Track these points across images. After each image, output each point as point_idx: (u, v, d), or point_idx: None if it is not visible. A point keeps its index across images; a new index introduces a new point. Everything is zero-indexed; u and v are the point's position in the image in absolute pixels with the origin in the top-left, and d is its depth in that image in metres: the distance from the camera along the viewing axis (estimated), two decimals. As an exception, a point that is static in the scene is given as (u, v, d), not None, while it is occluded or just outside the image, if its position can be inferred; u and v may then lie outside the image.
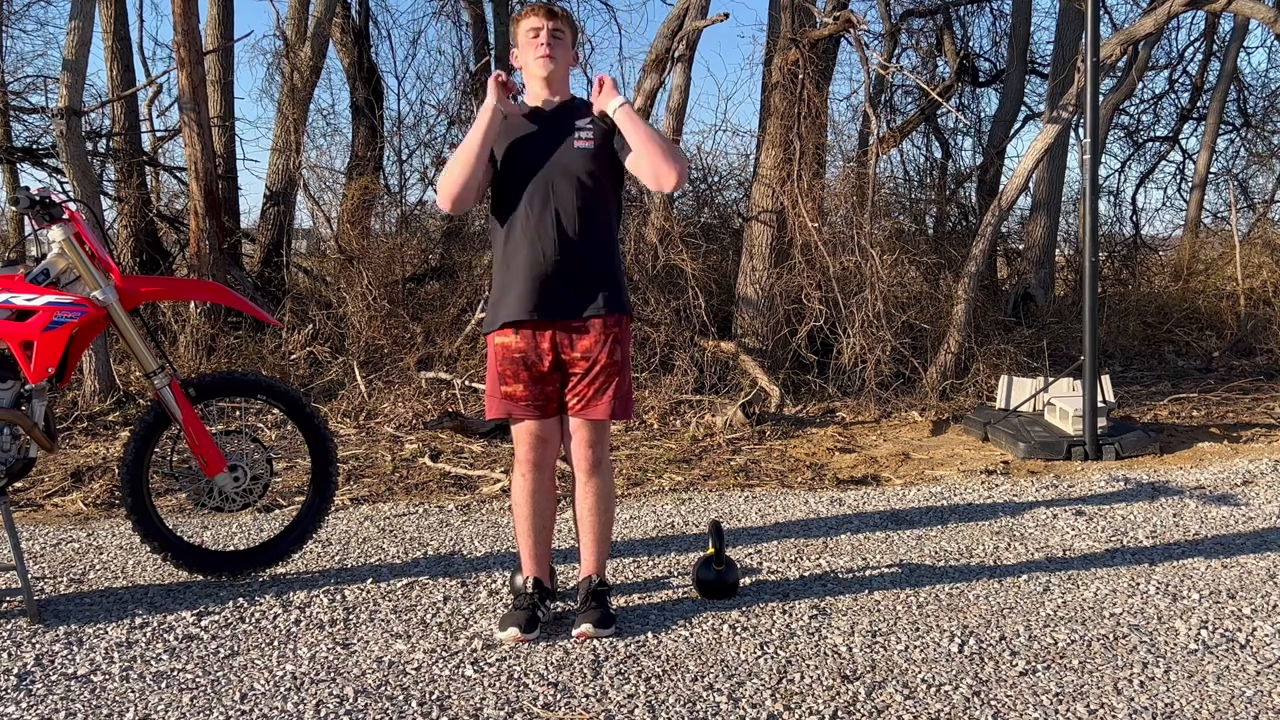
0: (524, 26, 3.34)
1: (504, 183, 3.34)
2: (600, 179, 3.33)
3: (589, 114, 3.37)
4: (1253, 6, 7.58)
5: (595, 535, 3.47)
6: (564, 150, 3.30)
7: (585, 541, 3.50)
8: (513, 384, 3.35)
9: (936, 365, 7.58)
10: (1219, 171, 13.83)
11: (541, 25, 3.30)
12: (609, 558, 3.75)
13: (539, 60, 3.31)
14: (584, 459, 3.41)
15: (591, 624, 3.35)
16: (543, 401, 3.37)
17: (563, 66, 3.37)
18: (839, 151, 8.81)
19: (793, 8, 7.38)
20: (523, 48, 3.35)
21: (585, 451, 3.40)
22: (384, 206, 9.79)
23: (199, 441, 3.77)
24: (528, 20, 3.34)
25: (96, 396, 6.70)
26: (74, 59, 6.70)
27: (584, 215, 3.29)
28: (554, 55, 3.31)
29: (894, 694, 2.96)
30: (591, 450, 3.40)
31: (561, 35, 3.34)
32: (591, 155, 3.31)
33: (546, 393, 3.36)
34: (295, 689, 2.99)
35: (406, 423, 6.60)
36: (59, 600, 3.71)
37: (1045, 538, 4.43)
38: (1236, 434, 6.58)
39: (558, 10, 3.37)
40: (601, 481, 3.44)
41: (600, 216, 3.34)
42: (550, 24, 3.31)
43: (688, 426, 6.63)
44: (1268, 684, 3.03)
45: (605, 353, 3.32)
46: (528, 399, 3.36)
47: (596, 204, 3.33)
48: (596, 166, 3.32)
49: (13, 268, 3.68)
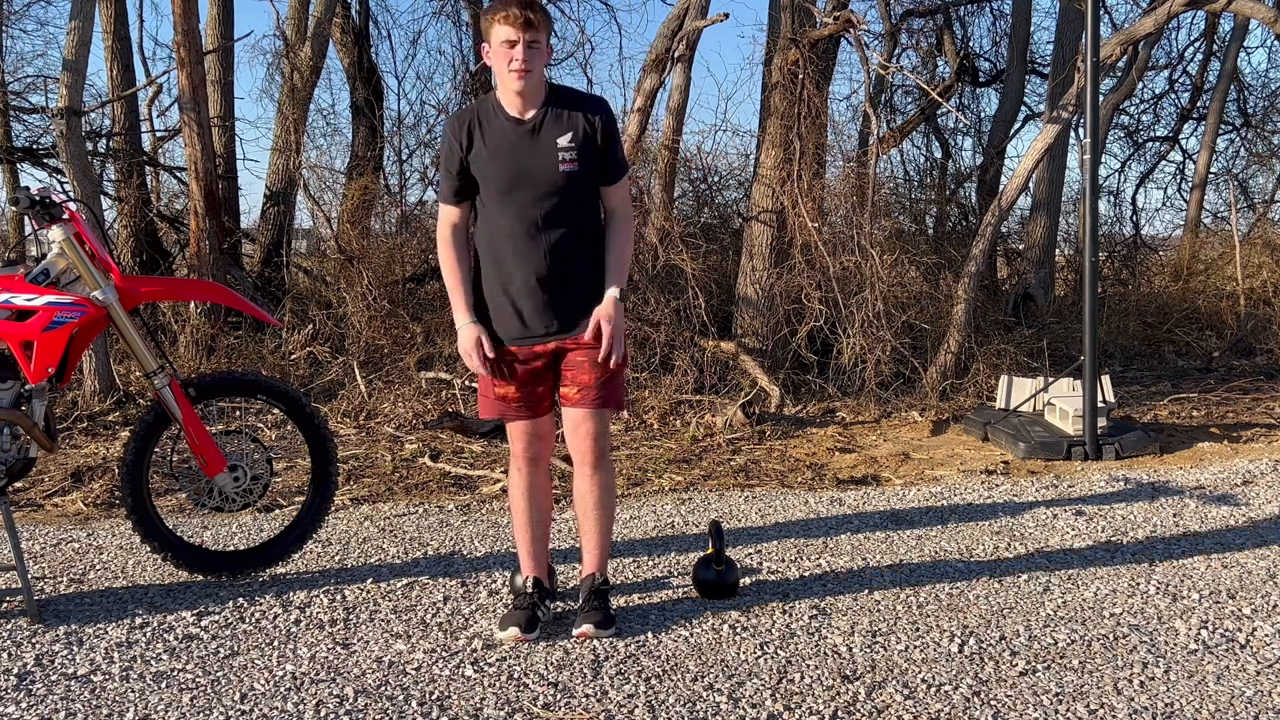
0: (497, 35, 3.17)
1: (487, 203, 3.30)
2: (586, 198, 3.30)
3: (570, 127, 3.24)
4: (1253, 6, 7.58)
5: (597, 532, 3.45)
6: (548, 172, 3.22)
7: (587, 538, 3.48)
8: (504, 386, 3.35)
9: (936, 365, 7.58)
10: (1219, 171, 13.84)
11: (517, 39, 3.14)
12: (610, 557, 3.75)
13: (514, 74, 3.18)
14: (587, 452, 3.36)
15: (593, 625, 3.34)
16: (534, 401, 3.36)
17: (538, 74, 3.23)
18: (839, 151, 8.81)
19: (793, 8, 7.38)
20: (496, 55, 3.20)
21: (589, 444, 3.35)
22: (384, 206, 9.79)
23: (199, 441, 3.77)
24: (501, 28, 3.16)
25: (96, 396, 6.70)
26: (74, 59, 6.71)
27: (573, 236, 3.27)
28: (530, 69, 3.17)
29: (894, 694, 2.96)
30: (595, 443, 3.35)
31: (539, 40, 3.18)
32: (578, 177, 3.25)
33: (538, 393, 3.36)
34: (295, 689, 2.99)
35: (406, 423, 6.60)
36: (59, 600, 3.71)
37: (1045, 538, 4.43)
38: (1236, 434, 6.58)
39: (534, 16, 3.15)
40: (603, 476, 3.40)
41: (589, 231, 3.32)
42: (526, 36, 3.14)
43: (688, 426, 6.63)
44: (1268, 684, 3.03)
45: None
46: (520, 400, 3.35)
47: (584, 222, 3.31)
48: (581, 187, 3.26)
49: (13, 268, 3.68)
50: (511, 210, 3.24)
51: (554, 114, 3.25)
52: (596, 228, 3.35)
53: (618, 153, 3.34)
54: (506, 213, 3.25)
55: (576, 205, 3.27)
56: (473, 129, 3.28)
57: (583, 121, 3.25)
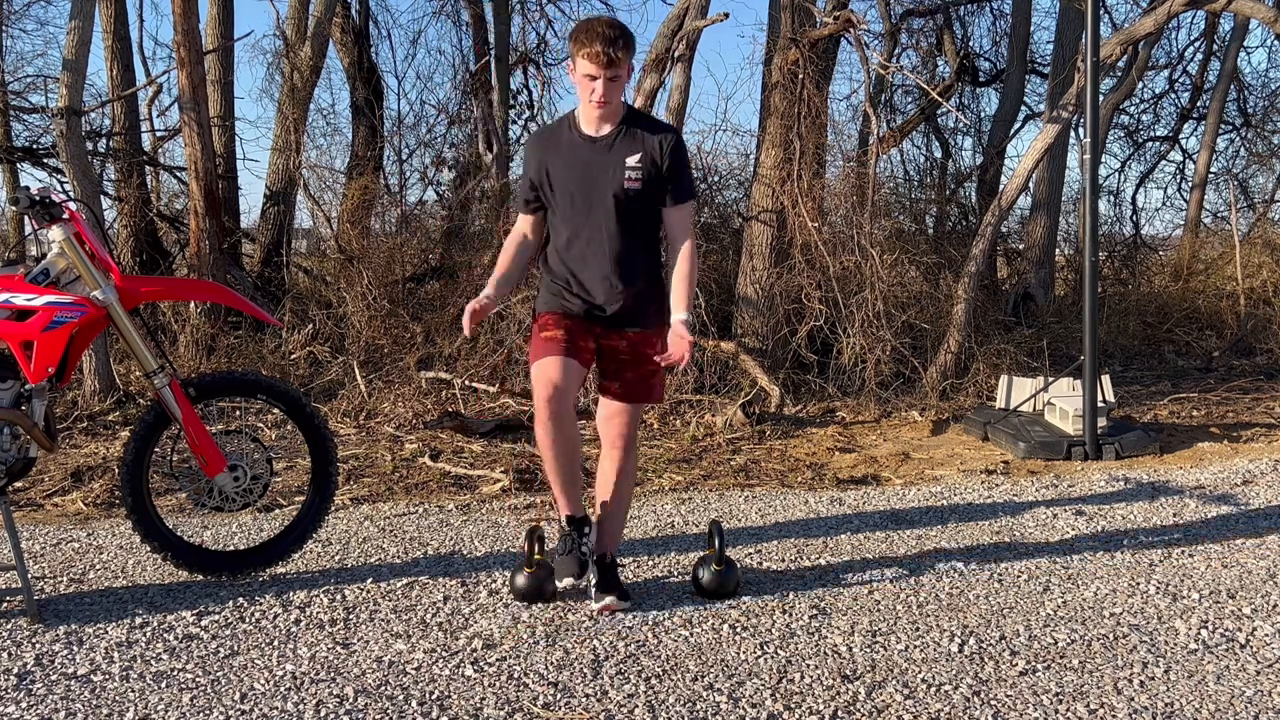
0: (581, 66, 3.35)
1: (558, 211, 3.54)
2: (645, 213, 3.51)
3: (640, 148, 3.45)
4: (1253, 6, 7.58)
5: (612, 509, 3.66)
6: (614, 186, 3.44)
7: (603, 518, 3.67)
8: (554, 329, 3.48)
9: (936, 365, 7.58)
10: (1219, 171, 13.84)
11: (599, 75, 3.33)
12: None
13: (593, 104, 3.39)
14: (619, 438, 3.60)
15: (615, 596, 3.54)
16: (576, 350, 3.45)
17: (616, 102, 3.44)
18: (839, 151, 8.81)
19: (793, 8, 7.38)
20: (579, 81, 3.40)
21: (621, 430, 3.59)
22: (384, 206, 9.80)
23: (199, 441, 3.77)
24: (584, 63, 3.33)
25: (96, 396, 6.70)
26: (74, 59, 6.70)
27: (631, 246, 3.50)
28: (609, 101, 3.38)
29: (894, 694, 2.96)
30: (627, 429, 3.60)
31: (619, 75, 3.36)
32: (639, 196, 3.46)
33: (579, 345, 3.48)
34: (295, 689, 2.99)
35: (406, 423, 6.60)
36: (59, 600, 3.71)
37: (1045, 538, 4.43)
38: (1236, 434, 6.58)
39: (617, 54, 3.31)
40: (628, 461, 3.64)
41: (646, 243, 3.55)
42: (607, 73, 3.32)
43: (688, 426, 6.63)
44: (1268, 684, 3.03)
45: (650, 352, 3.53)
46: (565, 342, 3.44)
47: (643, 235, 3.54)
48: (642, 204, 3.48)
49: (13, 268, 3.68)
50: (582, 219, 3.49)
51: (628, 133, 3.48)
52: (653, 241, 3.60)
53: (684, 179, 3.52)
54: (575, 221, 3.50)
55: (637, 221, 3.50)
56: (550, 146, 3.54)
57: (654, 146, 3.46)
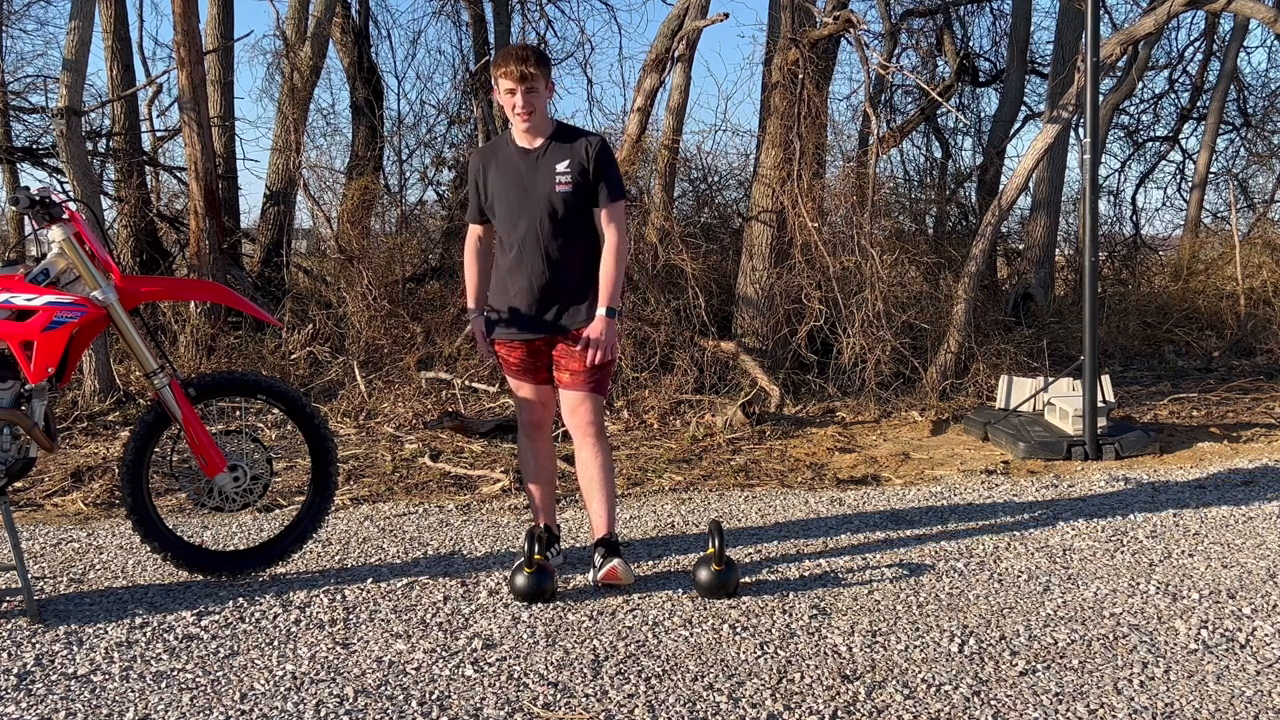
0: (501, 85, 3.67)
1: (498, 218, 3.83)
2: (578, 216, 3.75)
3: (568, 155, 3.72)
4: (1253, 6, 7.58)
5: (602, 498, 3.83)
6: (546, 192, 3.71)
7: (593, 505, 3.85)
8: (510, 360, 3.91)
9: (936, 365, 7.58)
10: (1219, 171, 13.85)
11: (515, 88, 3.63)
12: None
13: (518, 117, 3.70)
14: (586, 426, 3.80)
15: (618, 561, 3.73)
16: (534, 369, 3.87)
17: (540, 112, 3.71)
18: (839, 151, 8.81)
19: (793, 8, 7.38)
20: (503, 101, 3.72)
21: (585, 420, 3.80)
22: (384, 206, 9.80)
23: (199, 441, 3.77)
24: (503, 80, 3.65)
25: (96, 396, 6.71)
26: (74, 59, 6.71)
27: (565, 249, 3.75)
28: (532, 109, 3.67)
29: (894, 694, 2.96)
30: (591, 419, 3.80)
31: (536, 86, 3.65)
32: (570, 196, 3.72)
33: (535, 364, 3.87)
34: (295, 689, 2.99)
35: (406, 423, 6.60)
36: (59, 600, 3.71)
37: (1045, 538, 4.43)
38: (1236, 434, 6.58)
39: (529, 69, 3.62)
40: (601, 449, 3.83)
41: (580, 245, 3.77)
42: (523, 86, 3.63)
43: (688, 426, 6.63)
44: (1268, 684, 3.03)
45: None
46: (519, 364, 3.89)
47: (576, 237, 3.76)
48: (574, 206, 3.73)
49: (13, 268, 3.68)
50: (518, 225, 3.75)
51: (556, 145, 3.76)
52: (588, 243, 3.80)
53: (611, 179, 3.76)
54: (514, 227, 3.76)
55: (570, 223, 3.75)
56: (489, 159, 3.86)
57: (580, 151, 3.73)
